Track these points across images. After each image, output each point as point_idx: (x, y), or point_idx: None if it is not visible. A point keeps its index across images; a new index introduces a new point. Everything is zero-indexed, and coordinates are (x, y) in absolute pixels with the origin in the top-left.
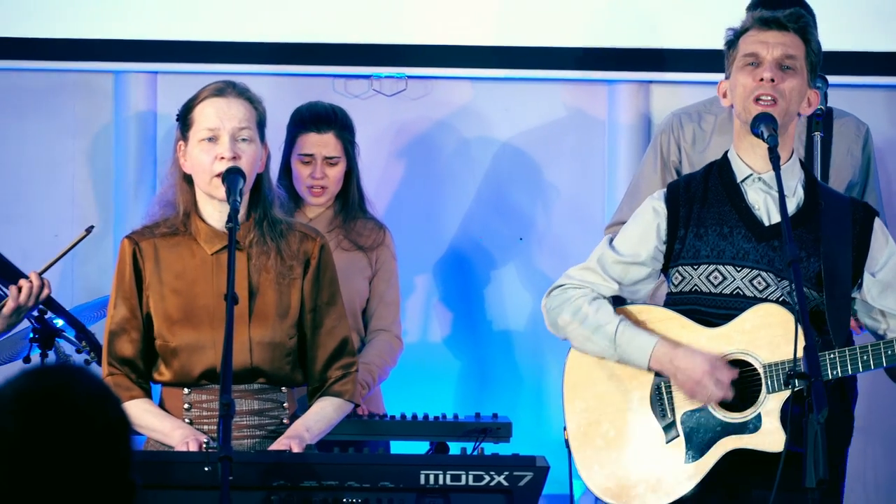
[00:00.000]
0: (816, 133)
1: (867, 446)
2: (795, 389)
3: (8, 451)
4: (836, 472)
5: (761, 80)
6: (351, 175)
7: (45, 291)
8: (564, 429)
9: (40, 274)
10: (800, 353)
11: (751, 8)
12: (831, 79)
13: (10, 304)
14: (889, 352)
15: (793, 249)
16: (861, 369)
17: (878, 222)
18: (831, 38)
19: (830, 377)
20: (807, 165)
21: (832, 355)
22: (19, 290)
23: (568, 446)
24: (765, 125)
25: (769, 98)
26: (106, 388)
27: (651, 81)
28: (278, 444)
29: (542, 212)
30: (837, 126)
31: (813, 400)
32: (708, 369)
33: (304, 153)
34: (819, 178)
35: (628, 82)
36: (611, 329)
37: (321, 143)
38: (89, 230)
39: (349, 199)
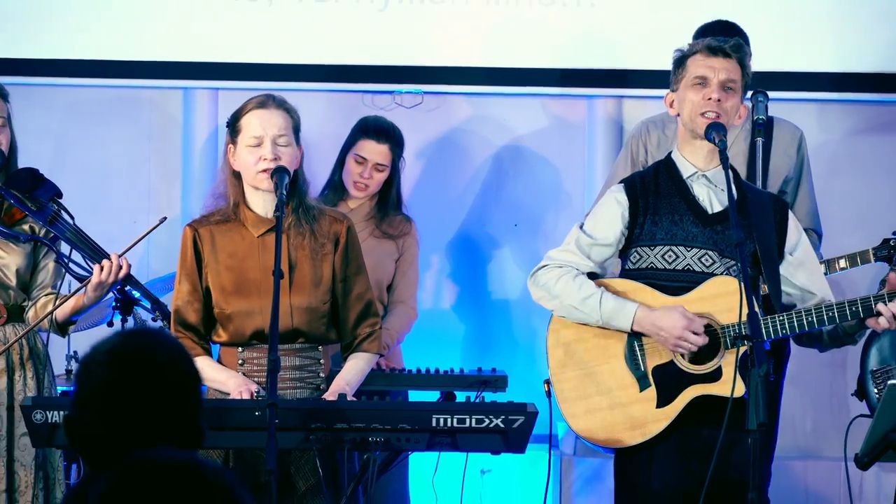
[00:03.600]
0: (759, 139)
1: (799, 397)
2: (740, 350)
3: (100, 396)
4: (773, 418)
5: (709, 99)
6: (392, 182)
7: (124, 270)
8: (546, 381)
9: (120, 256)
10: (745, 319)
11: (697, 35)
12: (771, 93)
13: (94, 281)
14: (809, 318)
15: (738, 234)
16: (803, 329)
17: (790, 212)
18: (772, 60)
19: (779, 335)
20: (750, 164)
21: (777, 320)
22: (101, 268)
23: (548, 395)
24: (716, 132)
25: (714, 114)
26: (182, 349)
27: (622, 96)
28: (330, 395)
29: (533, 202)
30: (777, 131)
31: (755, 357)
32: (685, 324)
33: (361, 155)
34: (760, 176)
35: (604, 97)
36: (595, 300)
37: (376, 152)
38: (163, 220)
39: (388, 200)
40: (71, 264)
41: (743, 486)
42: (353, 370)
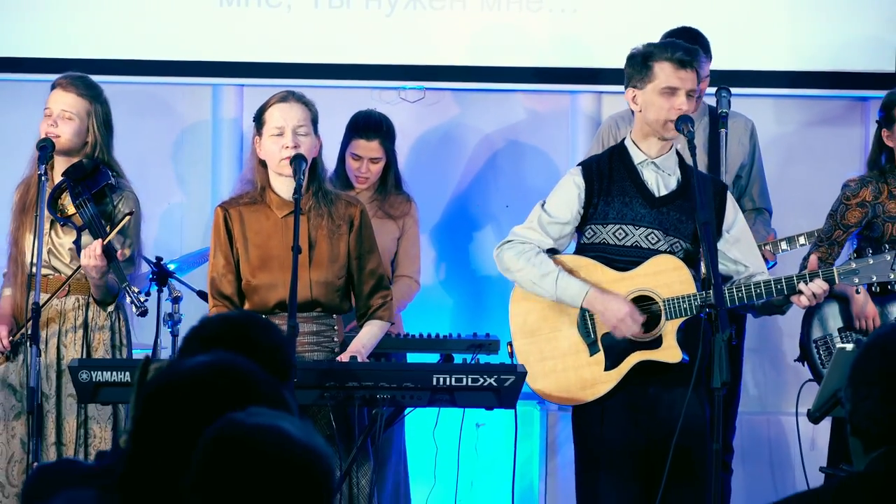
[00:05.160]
0: (722, 130)
1: (758, 361)
2: (704, 316)
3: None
4: (735, 379)
5: (679, 108)
6: (389, 168)
7: (98, 252)
8: (509, 343)
9: (103, 243)
10: (691, 289)
11: (666, 37)
12: (733, 90)
13: (81, 263)
14: (740, 293)
15: (705, 214)
16: (734, 304)
17: (729, 193)
18: (734, 59)
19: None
20: (711, 153)
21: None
22: (85, 255)
23: (511, 356)
24: (684, 123)
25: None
26: (282, 336)
27: (601, 92)
28: (344, 356)
29: (523, 185)
30: (731, 123)
31: (719, 323)
32: (628, 311)
33: (355, 153)
34: (724, 162)
35: (585, 93)
36: (552, 277)
37: (368, 148)
38: (130, 213)
39: (387, 182)
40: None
41: (690, 436)
42: (368, 334)
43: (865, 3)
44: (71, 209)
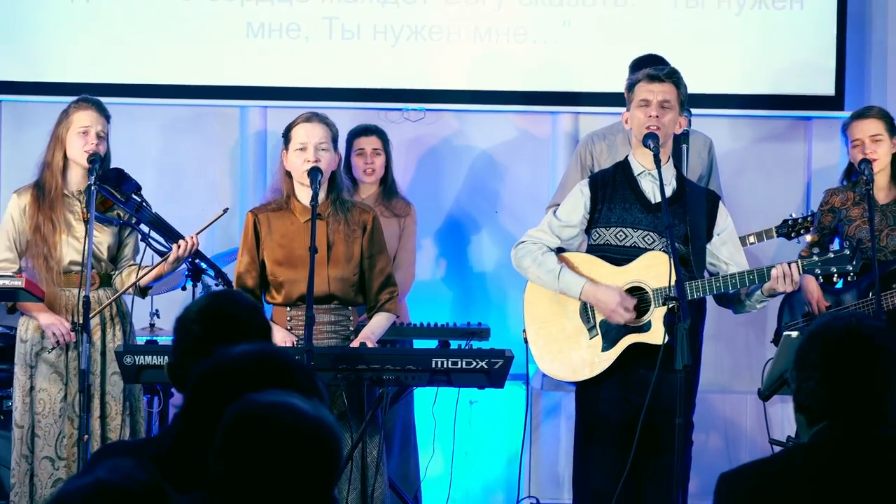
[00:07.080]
0: (683, 145)
1: (715, 346)
2: (670, 307)
3: (196, 345)
4: (695, 362)
5: (649, 116)
6: (388, 168)
7: (195, 247)
8: (524, 330)
9: (194, 236)
10: (673, 284)
11: (633, 66)
12: (693, 110)
13: (173, 256)
14: (717, 283)
15: (668, 219)
16: (714, 292)
17: (721, 203)
18: (693, 83)
19: (695, 297)
20: (676, 166)
21: (696, 283)
22: (179, 246)
23: (525, 341)
24: (651, 140)
25: (655, 127)
26: (255, 304)
27: (579, 112)
28: (356, 343)
29: (510, 195)
30: (692, 139)
31: (680, 314)
32: (619, 300)
33: (359, 148)
34: (685, 174)
35: (565, 113)
36: (554, 274)
37: (369, 142)
38: (226, 210)
39: (388, 184)
40: (152, 242)
41: (671, 414)
42: (377, 324)
43: (808, 34)
44: (107, 207)
